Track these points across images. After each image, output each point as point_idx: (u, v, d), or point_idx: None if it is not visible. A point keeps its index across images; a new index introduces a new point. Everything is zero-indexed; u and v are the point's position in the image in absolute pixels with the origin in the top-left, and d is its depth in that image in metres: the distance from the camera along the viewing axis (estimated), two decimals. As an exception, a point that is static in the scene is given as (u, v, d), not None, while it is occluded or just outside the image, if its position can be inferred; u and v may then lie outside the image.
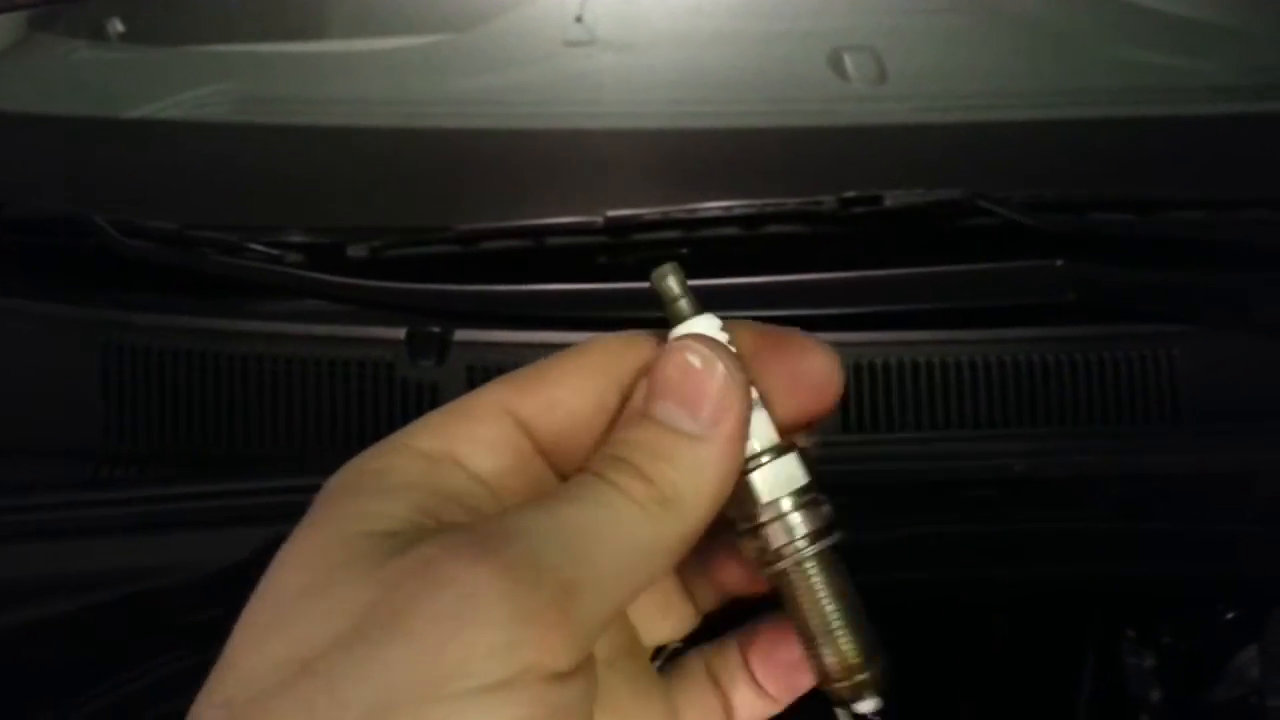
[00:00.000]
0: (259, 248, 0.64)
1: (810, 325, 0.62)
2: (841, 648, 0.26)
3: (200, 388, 0.61)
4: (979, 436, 0.61)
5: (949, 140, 0.79)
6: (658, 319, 0.27)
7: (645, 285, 0.27)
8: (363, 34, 1.01)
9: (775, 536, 0.26)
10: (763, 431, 0.26)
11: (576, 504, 0.23)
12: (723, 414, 0.24)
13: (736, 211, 0.65)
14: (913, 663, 0.76)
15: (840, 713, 0.26)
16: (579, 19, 0.94)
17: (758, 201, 0.65)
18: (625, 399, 0.26)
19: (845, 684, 0.26)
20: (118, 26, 0.98)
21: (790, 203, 0.65)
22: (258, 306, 0.65)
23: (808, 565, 0.26)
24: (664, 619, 0.29)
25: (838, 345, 0.70)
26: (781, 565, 0.26)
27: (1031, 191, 0.66)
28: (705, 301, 0.27)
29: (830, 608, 0.26)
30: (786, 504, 0.25)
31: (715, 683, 0.29)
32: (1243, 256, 0.67)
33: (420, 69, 0.93)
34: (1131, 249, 0.66)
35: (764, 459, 0.25)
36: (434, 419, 0.25)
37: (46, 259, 0.67)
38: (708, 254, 0.66)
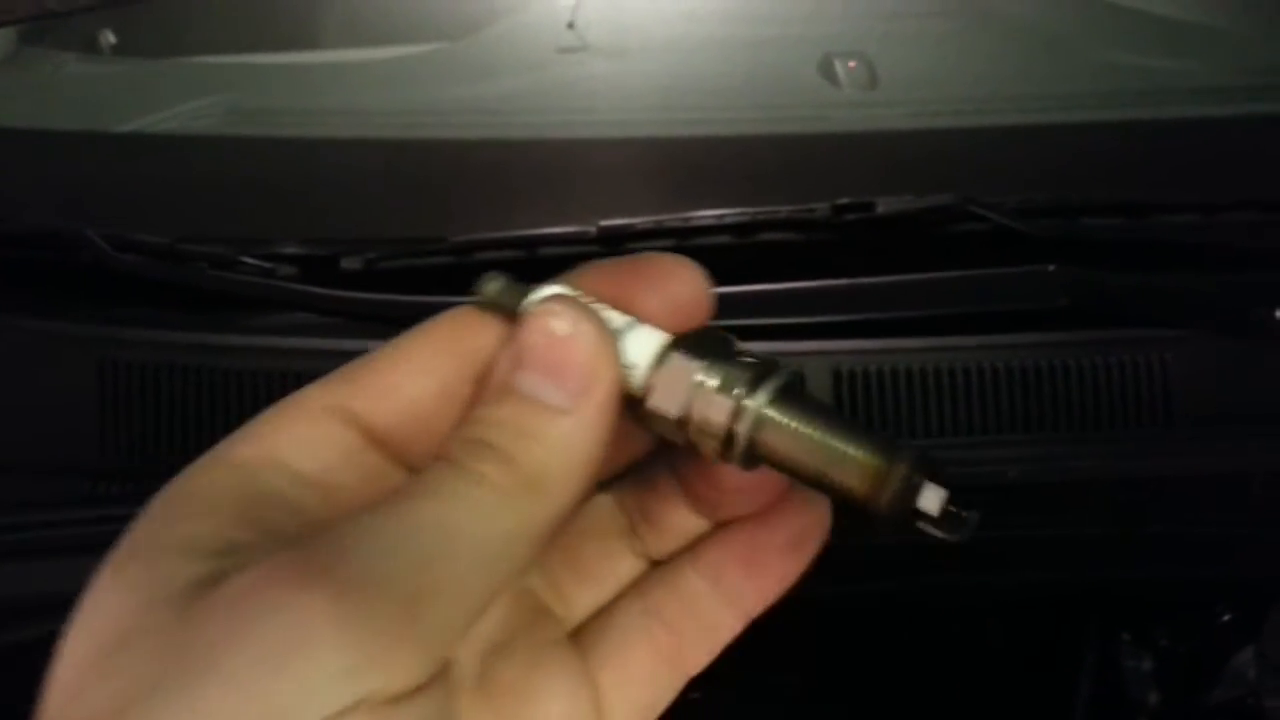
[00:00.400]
0: (252, 261, 0.64)
1: (803, 333, 0.63)
2: (857, 460, 0.22)
3: (195, 402, 0.61)
4: (972, 443, 0.61)
5: (940, 146, 0.79)
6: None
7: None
8: (355, 44, 1.01)
9: (718, 413, 0.23)
10: (649, 340, 0.24)
11: (425, 500, 0.21)
12: (592, 383, 0.22)
13: (729, 220, 0.65)
14: (912, 668, 0.76)
15: (923, 527, 0.23)
16: (570, 25, 0.94)
17: (750, 209, 0.65)
18: (482, 376, 0.24)
19: (889, 493, 0.22)
20: (109, 38, 0.98)
21: (783, 210, 0.66)
22: (252, 320, 0.64)
23: (770, 415, 0.23)
24: (580, 586, 0.27)
25: (830, 353, 0.70)
26: (744, 434, 0.23)
27: (1023, 196, 0.66)
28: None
29: (820, 434, 0.23)
30: (712, 380, 0.23)
31: (659, 620, 0.26)
32: (1235, 259, 0.67)
33: (413, 79, 0.93)
34: (1124, 253, 0.66)
35: (664, 360, 0.23)
36: (250, 426, 0.23)
37: (39, 274, 0.67)
38: (700, 262, 0.65)
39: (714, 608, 0.26)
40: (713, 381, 0.23)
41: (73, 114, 0.89)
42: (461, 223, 0.68)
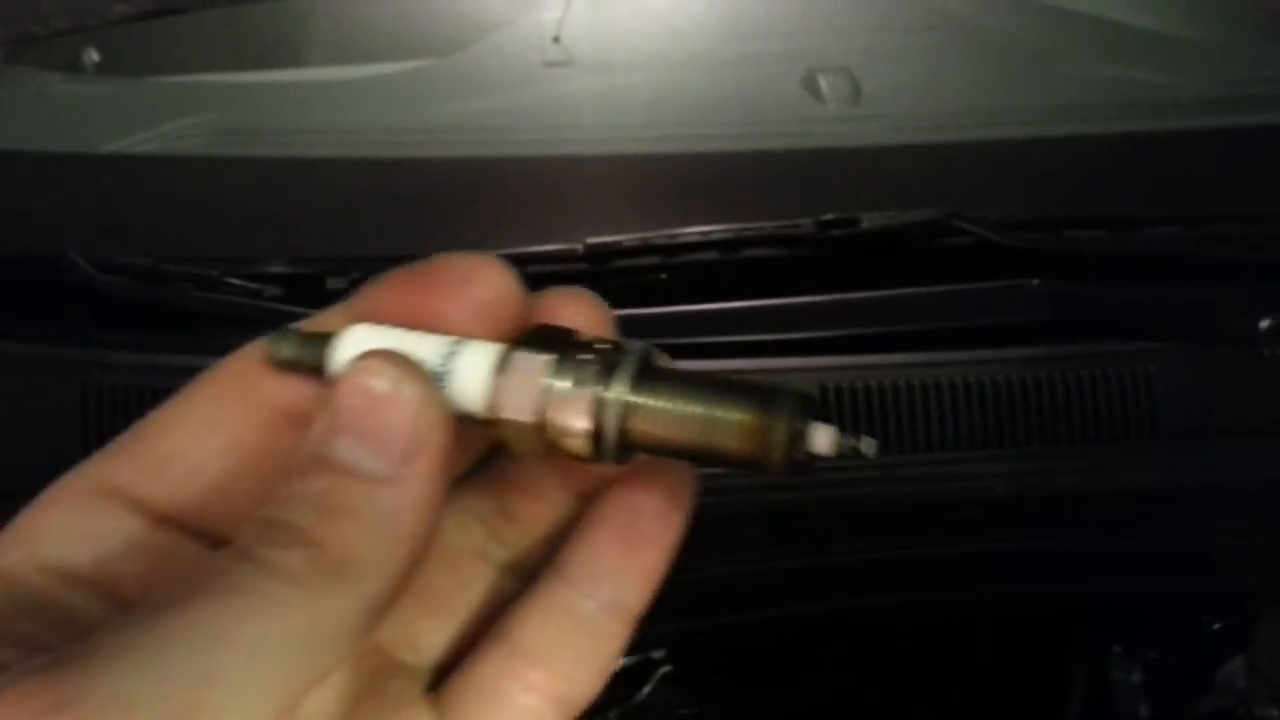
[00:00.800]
0: (237, 282, 0.64)
1: (789, 349, 0.63)
2: (736, 423, 0.21)
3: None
4: (959, 459, 0.61)
5: (924, 160, 0.79)
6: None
7: (627, 312, 0.24)
8: (340, 62, 1.00)
9: (577, 415, 0.21)
10: (480, 356, 0.22)
11: (202, 598, 0.18)
12: (419, 446, 0.20)
13: (715, 236, 0.66)
14: (902, 683, 0.76)
15: (839, 447, 0.21)
16: (556, 39, 0.94)
17: (736, 226, 0.66)
18: (295, 428, 0.21)
19: (778, 448, 0.21)
20: (93, 56, 0.98)
21: (768, 226, 0.66)
22: (237, 342, 0.64)
23: (634, 401, 0.21)
24: (433, 623, 0.23)
25: (816, 369, 0.70)
26: (612, 428, 0.21)
27: (1006, 211, 0.67)
28: (693, 326, 0.24)
29: (691, 408, 0.21)
30: (562, 381, 0.21)
31: (528, 659, 0.23)
32: (1219, 271, 0.67)
33: (399, 96, 0.93)
34: (1107, 266, 0.66)
35: (503, 372, 0.21)
36: (10, 525, 0.20)
37: (21, 297, 0.66)
38: (687, 279, 0.66)
39: (593, 619, 0.23)
40: (563, 382, 0.21)
41: (56, 134, 0.89)
42: (447, 241, 0.67)
